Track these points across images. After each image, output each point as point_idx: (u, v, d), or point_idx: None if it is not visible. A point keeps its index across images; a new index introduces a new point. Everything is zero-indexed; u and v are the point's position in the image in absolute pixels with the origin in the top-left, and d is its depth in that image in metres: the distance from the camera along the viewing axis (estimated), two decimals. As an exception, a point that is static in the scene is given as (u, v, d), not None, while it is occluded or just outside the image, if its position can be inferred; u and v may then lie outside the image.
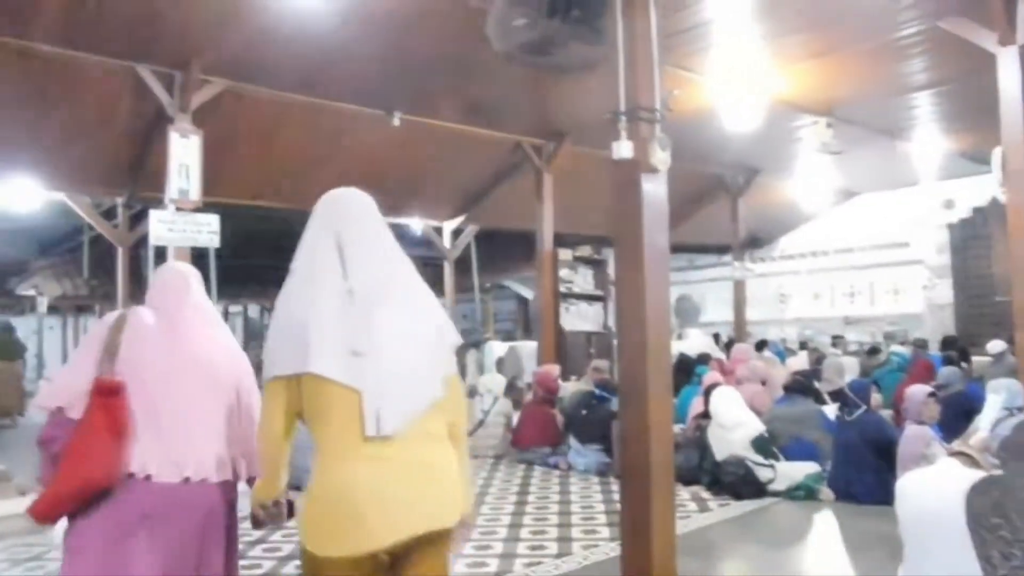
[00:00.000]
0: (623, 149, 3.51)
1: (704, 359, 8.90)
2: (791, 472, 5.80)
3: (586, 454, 7.00)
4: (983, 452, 2.30)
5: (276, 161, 9.00)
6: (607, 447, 6.92)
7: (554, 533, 4.98)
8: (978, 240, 13.12)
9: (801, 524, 5.27)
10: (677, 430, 5.73)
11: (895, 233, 14.22)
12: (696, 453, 6.26)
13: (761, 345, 10.96)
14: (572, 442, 7.21)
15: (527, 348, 11.81)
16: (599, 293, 11.94)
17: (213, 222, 6.90)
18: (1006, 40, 5.71)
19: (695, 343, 11.98)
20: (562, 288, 10.95)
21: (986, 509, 1.85)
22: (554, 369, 8.44)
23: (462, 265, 13.87)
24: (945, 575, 1.91)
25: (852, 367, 8.67)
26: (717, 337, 13.55)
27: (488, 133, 9.49)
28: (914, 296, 14.07)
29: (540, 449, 7.44)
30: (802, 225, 15.61)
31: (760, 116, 7.93)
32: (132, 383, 2.10)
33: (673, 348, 5.32)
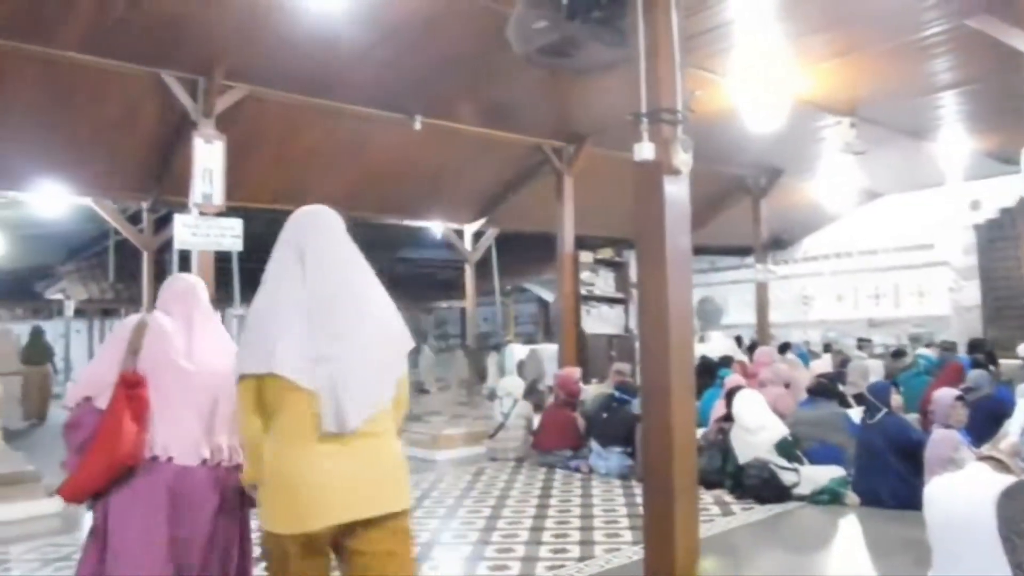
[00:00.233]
0: (645, 151, 3.50)
1: (726, 361, 8.83)
2: (815, 476, 5.74)
3: (608, 457, 6.98)
4: (1013, 457, 2.27)
5: (298, 165, 9.06)
6: (629, 450, 6.89)
7: (576, 536, 4.96)
8: (1005, 241, 12.93)
9: (826, 528, 5.21)
10: (699, 433, 5.69)
11: (920, 234, 14.04)
12: (719, 456, 6.21)
13: (784, 348, 10.86)
14: (594, 445, 7.18)
15: (548, 351, 11.79)
16: (620, 295, 11.91)
17: (236, 226, 6.96)
18: (1035, 38, 5.63)
19: (717, 346, 11.90)
20: (583, 290, 10.93)
21: (1017, 514, 1.82)
22: (575, 372, 8.42)
23: (483, 268, 13.89)
24: (975, 581, 1.88)
25: (877, 370, 8.56)
26: (740, 339, 13.46)
27: (508, 136, 9.49)
28: (940, 298, 13.88)
29: (561, 452, 7.42)
30: (825, 226, 15.46)
31: (782, 116, 7.86)
32: (152, 378, 2.39)
33: (695, 351, 5.28)
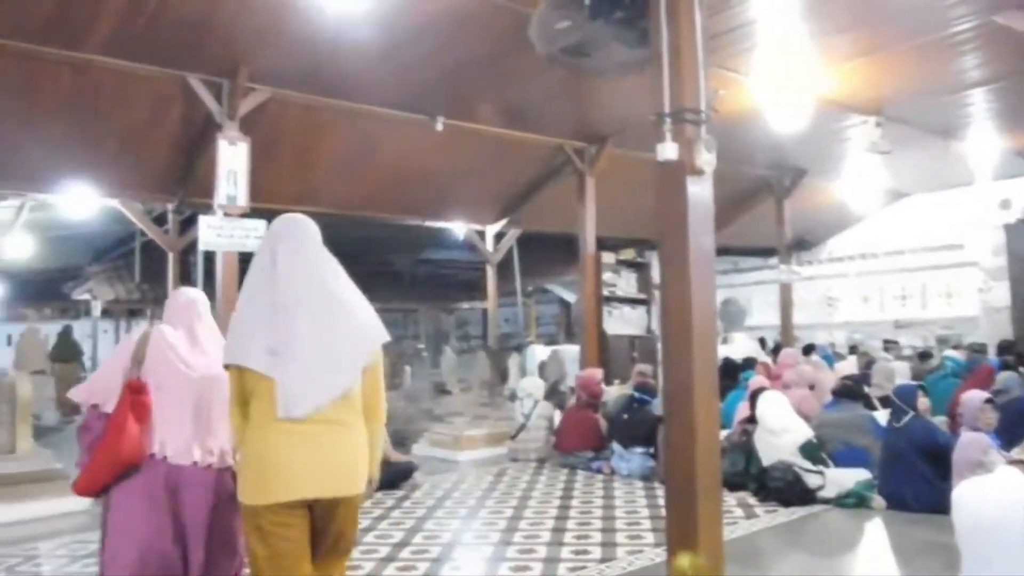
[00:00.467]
0: (668, 151, 3.48)
1: (750, 363, 8.77)
2: (841, 479, 5.67)
3: (630, 459, 6.95)
4: (1045, 460, 2.24)
5: (320, 166, 9.13)
6: (651, 451, 6.86)
7: (598, 538, 4.95)
8: (1036, 241, 12.71)
9: (851, 532, 5.15)
10: (722, 435, 5.65)
11: (948, 234, 13.85)
12: (742, 458, 6.16)
13: (808, 349, 10.75)
14: (615, 446, 7.16)
15: (570, 352, 11.76)
16: (642, 296, 11.85)
17: (260, 227, 7.02)
18: (1067, 34, 5.54)
19: (740, 347, 11.81)
20: (605, 291, 10.89)
21: (1049, 519, 1.79)
22: (597, 373, 8.39)
23: (504, 269, 13.90)
24: (1006, 586, 1.85)
25: (903, 372, 8.45)
26: (763, 341, 13.34)
27: (530, 136, 9.50)
28: (968, 299, 13.67)
29: (583, 453, 7.40)
30: (851, 227, 15.30)
31: (806, 116, 7.79)
32: (154, 384, 2.68)
33: (718, 352, 5.25)
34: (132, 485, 2.63)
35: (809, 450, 5.83)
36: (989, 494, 2.02)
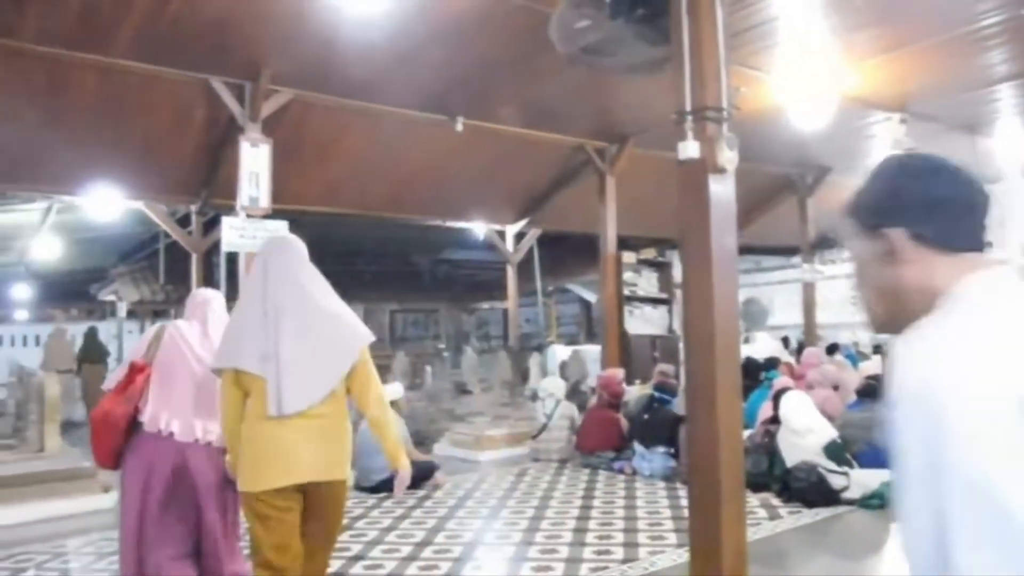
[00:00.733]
0: (690, 149, 3.46)
1: (772, 363, 8.69)
2: (866, 479, 5.61)
3: (651, 459, 6.92)
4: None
5: (341, 167, 9.18)
6: (672, 451, 6.82)
7: (620, 538, 4.93)
8: (1066, 238, 12.48)
9: (877, 534, 5.09)
10: (744, 435, 5.61)
11: (975, 232, 13.64)
12: (765, 459, 6.11)
13: (832, 349, 10.65)
14: (637, 447, 7.13)
15: (591, 352, 11.74)
16: (664, 296, 11.80)
17: (282, 228, 7.06)
18: (1097, 27, 5.43)
19: (763, 347, 11.72)
20: (626, 291, 10.85)
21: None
22: (619, 373, 8.36)
23: (525, 269, 13.89)
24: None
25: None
26: (786, 341, 13.23)
27: (550, 136, 9.48)
28: (996, 298, 13.46)
29: (604, 453, 7.38)
30: (874, 225, 15.11)
31: (830, 113, 7.71)
32: (166, 372, 3.07)
33: (741, 352, 5.21)
34: (137, 457, 3.04)
35: (833, 450, 5.77)
36: None
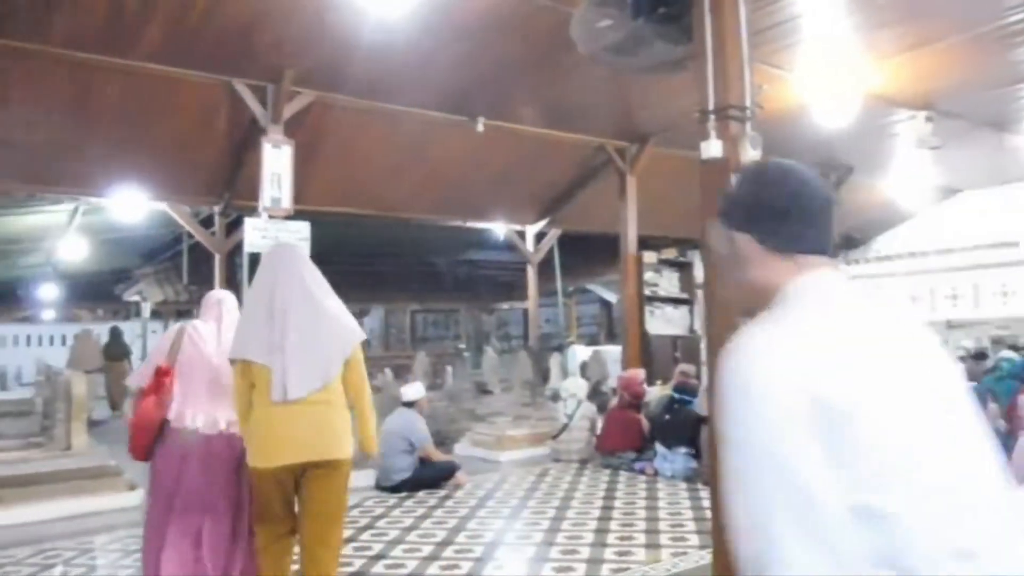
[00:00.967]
0: (712, 148, 3.43)
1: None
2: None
3: (673, 459, 6.88)
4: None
5: (362, 168, 9.21)
6: (694, 451, 6.78)
7: (641, 539, 4.91)
8: (1096, 238, 12.27)
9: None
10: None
11: (1003, 232, 13.43)
12: (788, 461, 6.06)
13: (856, 349, 10.53)
14: (659, 447, 7.10)
15: (611, 352, 11.70)
16: (685, 296, 11.74)
17: (303, 229, 7.12)
18: None
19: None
20: (647, 291, 10.81)
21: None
22: (639, 373, 8.33)
23: (545, 269, 13.87)
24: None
25: (956, 373, 8.20)
26: (809, 341, 13.10)
27: (571, 136, 9.46)
28: (1024, 298, 13.26)
29: (625, 454, 7.35)
30: (899, 225, 14.94)
31: (853, 112, 7.63)
32: (187, 370, 3.26)
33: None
34: (167, 451, 3.23)
35: (858, 452, 5.71)
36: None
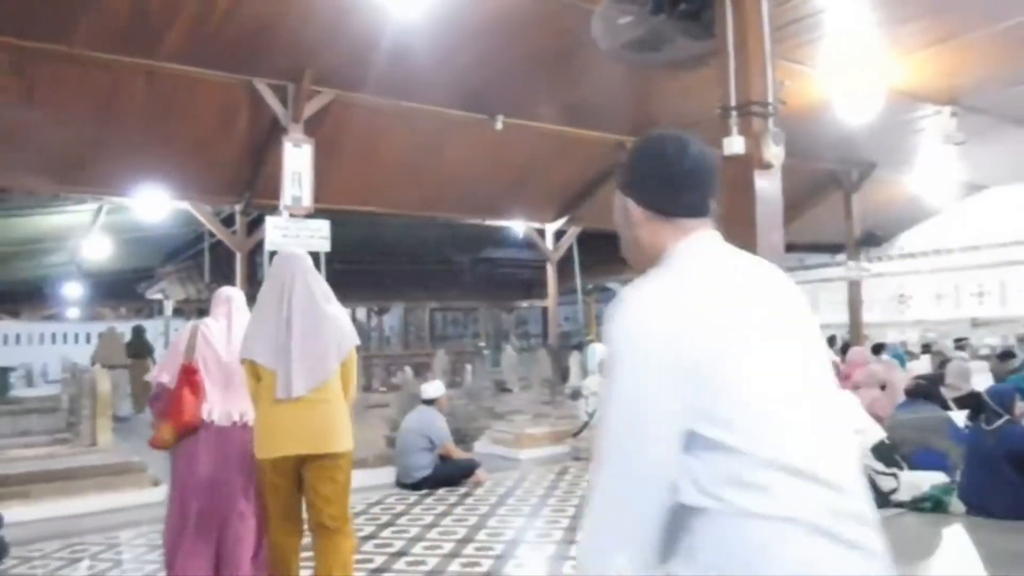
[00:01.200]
0: (735, 145, 3.41)
1: (817, 362, 8.53)
2: (917, 482, 5.47)
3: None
4: None
5: (382, 166, 9.24)
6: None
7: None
8: (1125, 234, 12.08)
9: (929, 538, 4.96)
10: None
11: (1030, 228, 13.26)
12: (811, 460, 6.00)
13: (878, 349, 10.41)
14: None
15: (631, 351, 11.61)
16: (705, 294, 11.65)
17: (324, 227, 7.15)
18: None
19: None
20: (667, 289, 10.74)
21: None
22: (659, 372, 8.27)
23: (564, 267, 13.83)
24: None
25: (980, 372, 8.10)
26: (832, 340, 12.99)
27: (590, 134, 9.44)
28: (1052, 296, 13.08)
29: (645, 453, 7.31)
30: (924, 221, 14.78)
31: (876, 108, 7.55)
32: (203, 366, 3.46)
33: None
34: (192, 440, 3.42)
35: (882, 451, 5.64)
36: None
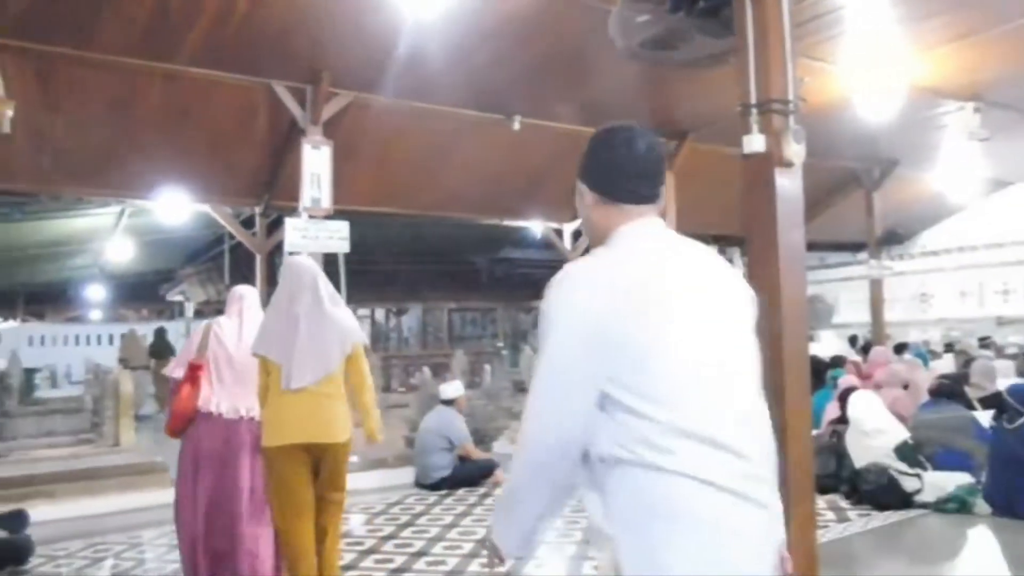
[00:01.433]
0: (755, 143, 3.37)
1: (838, 361, 8.47)
2: (941, 482, 5.41)
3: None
4: None
5: (400, 167, 9.26)
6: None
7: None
8: None
9: (954, 539, 4.91)
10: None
11: (1055, 225, 13.06)
12: (832, 460, 5.95)
13: (900, 348, 10.31)
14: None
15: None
16: (724, 294, 11.58)
17: (343, 229, 7.18)
18: None
19: (828, 346, 11.42)
20: (686, 289, 10.68)
21: None
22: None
23: (582, 267, 13.83)
24: None
25: (1006, 371, 8.00)
26: (854, 340, 12.87)
27: (608, 133, 9.39)
28: (1078, 294, 12.88)
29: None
30: (946, 219, 14.60)
31: (898, 104, 7.47)
32: (213, 363, 3.79)
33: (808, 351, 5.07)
34: (200, 430, 3.73)
35: (905, 452, 5.59)
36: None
